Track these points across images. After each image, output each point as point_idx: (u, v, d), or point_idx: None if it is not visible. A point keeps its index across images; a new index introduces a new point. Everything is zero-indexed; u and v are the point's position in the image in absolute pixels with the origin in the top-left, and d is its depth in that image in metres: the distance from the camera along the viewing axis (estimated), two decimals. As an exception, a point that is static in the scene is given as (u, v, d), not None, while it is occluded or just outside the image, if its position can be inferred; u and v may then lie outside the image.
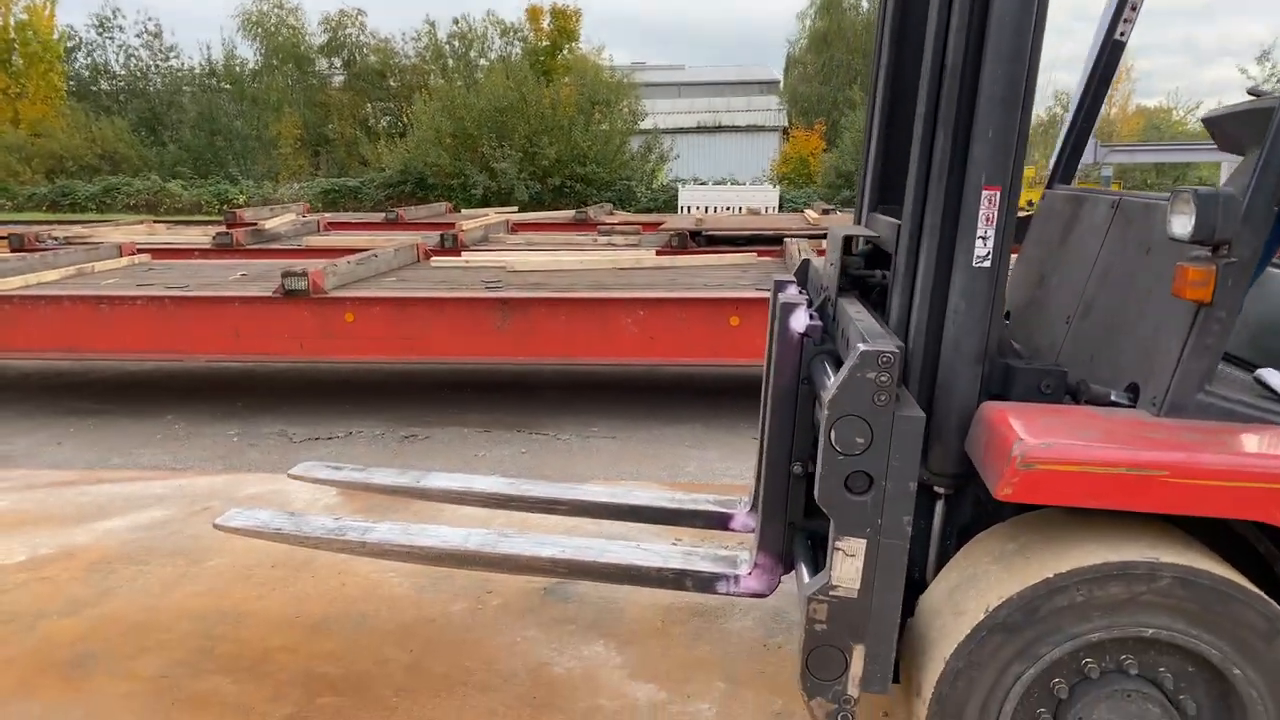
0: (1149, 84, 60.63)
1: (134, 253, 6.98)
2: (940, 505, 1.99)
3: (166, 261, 7.08)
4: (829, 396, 1.67)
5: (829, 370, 2.05)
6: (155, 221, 11.19)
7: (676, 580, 2.40)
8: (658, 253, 6.69)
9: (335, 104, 30.44)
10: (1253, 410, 1.75)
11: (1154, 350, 1.86)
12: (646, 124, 25.33)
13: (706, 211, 17.66)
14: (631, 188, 22.53)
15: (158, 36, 29.95)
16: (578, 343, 4.98)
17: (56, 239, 8.21)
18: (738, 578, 2.38)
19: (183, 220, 14.65)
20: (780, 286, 2.48)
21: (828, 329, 2.27)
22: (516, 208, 15.25)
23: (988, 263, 1.85)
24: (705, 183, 23.14)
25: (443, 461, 4.65)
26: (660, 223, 9.13)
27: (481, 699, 2.45)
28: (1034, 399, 1.89)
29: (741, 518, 2.77)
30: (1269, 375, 2.00)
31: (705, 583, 2.39)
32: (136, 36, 30.07)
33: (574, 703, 2.44)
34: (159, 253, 7.38)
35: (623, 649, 2.71)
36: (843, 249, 2.30)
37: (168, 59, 30.13)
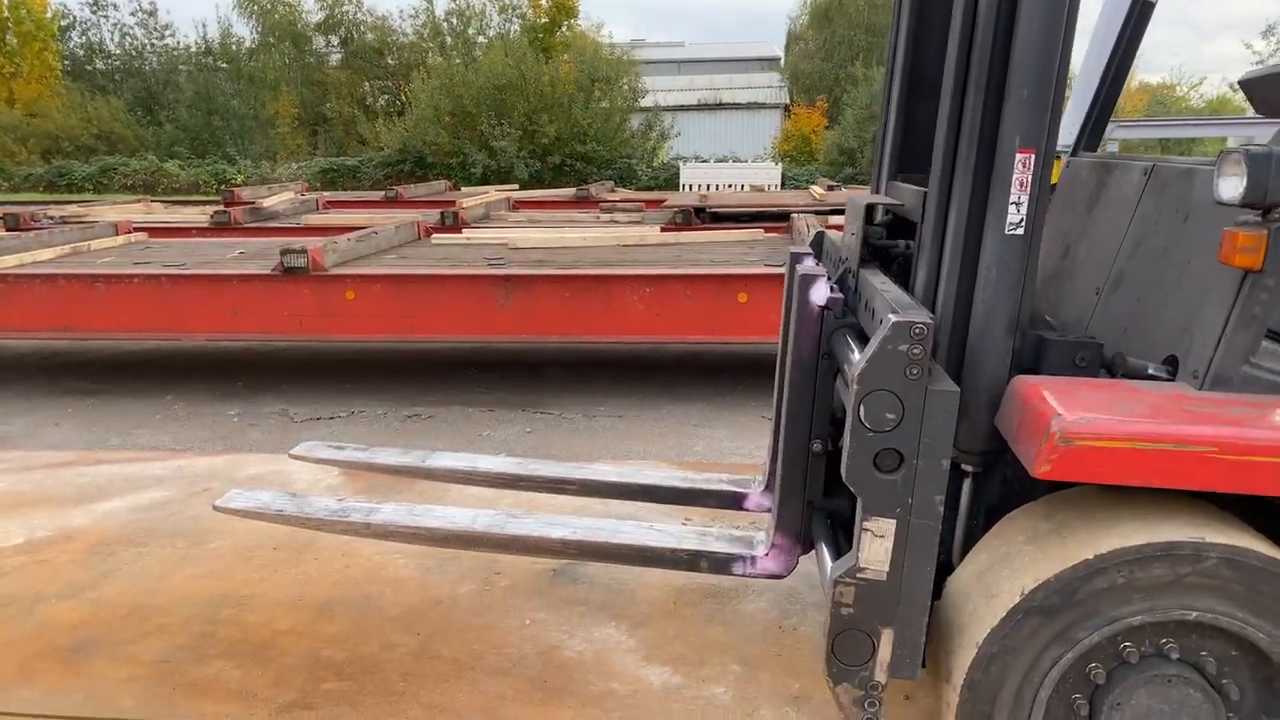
0: (1151, 60, 60.15)
1: (130, 231, 6.88)
2: (967, 484, 1.92)
3: (163, 240, 6.98)
4: (858, 370, 1.59)
5: (852, 344, 1.97)
6: (152, 200, 11.06)
7: (691, 561, 2.34)
8: (662, 229, 6.59)
9: (333, 83, 30.14)
10: (1300, 383, 1.68)
11: (1194, 321, 1.77)
12: (646, 102, 25.08)
13: (709, 189, 17.50)
14: (632, 166, 22.34)
15: (153, 15, 29.60)
16: (582, 321, 4.89)
17: (52, 218, 8.10)
18: (754, 559, 2.31)
19: (180, 200, 14.51)
20: (797, 259, 2.40)
21: (848, 302, 2.19)
22: (517, 186, 15.10)
23: (1021, 230, 1.76)
24: (707, 160, 22.95)
25: (447, 441, 4.58)
26: (663, 200, 9.02)
27: (491, 683, 2.39)
28: (1068, 373, 1.81)
29: (755, 497, 2.70)
30: None
31: (721, 564, 2.32)
32: (131, 15, 29.80)
33: (586, 686, 2.38)
34: (155, 231, 7.28)
35: (635, 631, 2.65)
36: (864, 218, 2.21)
37: (163, 37, 29.79)
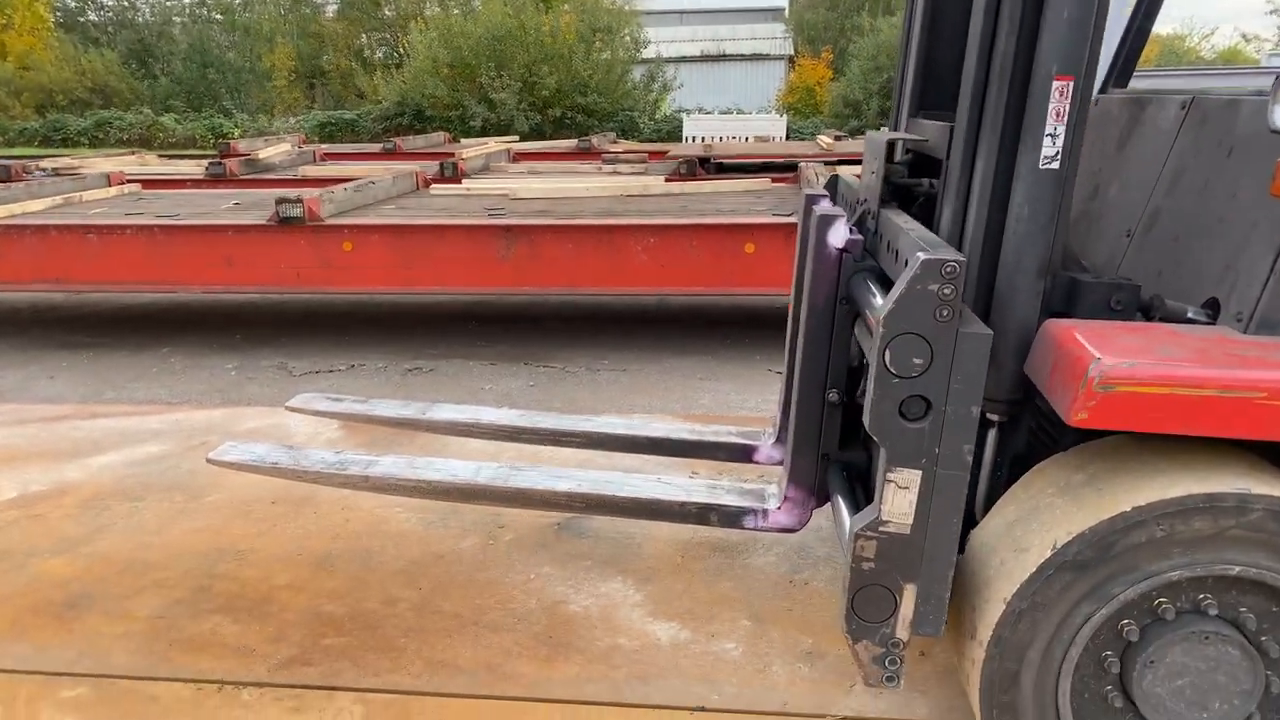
0: (1163, 10, 58.82)
1: (123, 182, 6.74)
2: (992, 434, 1.83)
3: (157, 191, 6.84)
4: (884, 313, 1.49)
5: (873, 288, 1.87)
6: (147, 153, 10.87)
7: (701, 515, 2.26)
8: (666, 180, 6.44)
9: (329, 35, 29.57)
10: (1352, 326, 1.58)
11: (1239, 261, 1.67)
12: (648, 52, 24.61)
13: (713, 141, 17.20)
14: (634, 118, 21.99)
15: (144, -36, 28.99)
16: (585, 272, 4.78)
17: (44, 170, 7.95)
18: (766, 512, 2.23)
19: (176, 155, 14.29)
20: (812, 200, 2.29)
21: (867, 245, 2.09)
22: (517, 138, 14.84)
23: (1056, 164, 1.65)
24: (710, 113, 22.58)
25: (448, 394, 4.49)
26: (666, 151, 8.84)
27: (495, 638, 2.33)
28: (1102, 316, 1.71)
29: (766, 450, 2.62)
30: None
31: (731, 517, 2.25)
32: (122, -36, 29.10)
33: (592, 642, 2.32)
34: (149, 183, 7.13)
35: (641, 586, 2.59)
36: (885, 156, 2.10)
37: (156, -13, 29.20)
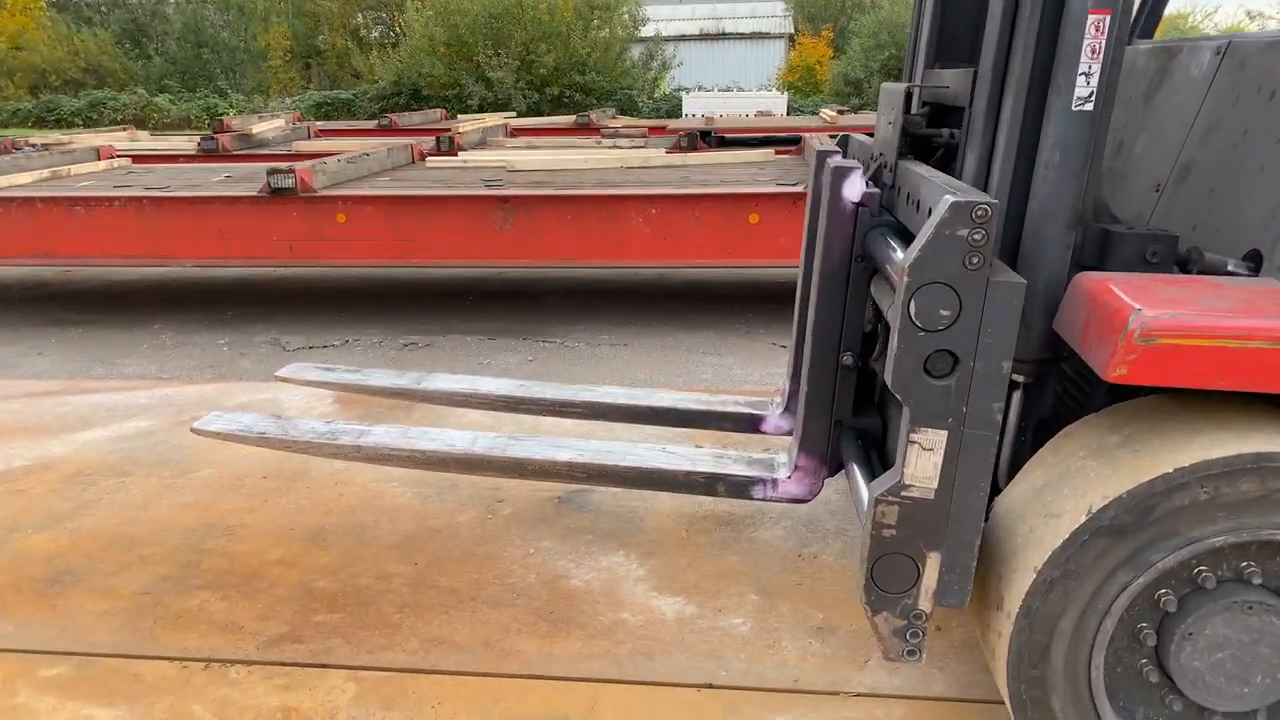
0: (1167, -11, 58.35)
1: (112, 156, 6.60)
2: (1017, 396, 1.73)
3: (147, 166, 6.70)
4: (909, 260, 1.39)
5: (892, 243, 1.77)
6: (139, 131, 10.72)
7: (707, 485, 2.17)
8: (667, 152, 6.31)
9: (325, 13, 29.20)
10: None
11: (1284, 210, 1.57)
12: (647, 31, 24.33)
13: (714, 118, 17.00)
14: (633, 97, 21.76)
15: (136, -59, 28.61)
16: (585, 244, 4.67)
17: (34, 146, 7.82)
18: (776, 481, 2.14)
19: (169, 134, 14.12)
20: (825, 155, 2.18)
21: (883, 201, 1.98)
22: (514, 114, 14.66)
23: (1090, 105, 1.54)
24: (710, 90, 22.35)
25: (445, 369, 4.39)
26: (666, 126, 8.69)
27: (494, 614, 2.24)
28: (1137, 269, 1.60)
29: (774, 420, 2.52)
30: None
31: (739, 487, 2.15)
32: (114, -58, 28.73)
33: (595, 617, 2.23)
34: (140, 158, 7.01)
35: (645, 560, 2.50)
36: (903, 106, 1.99)
37: (148, -35, 28.83)
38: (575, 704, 1.92)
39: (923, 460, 1.45)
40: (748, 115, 15.92)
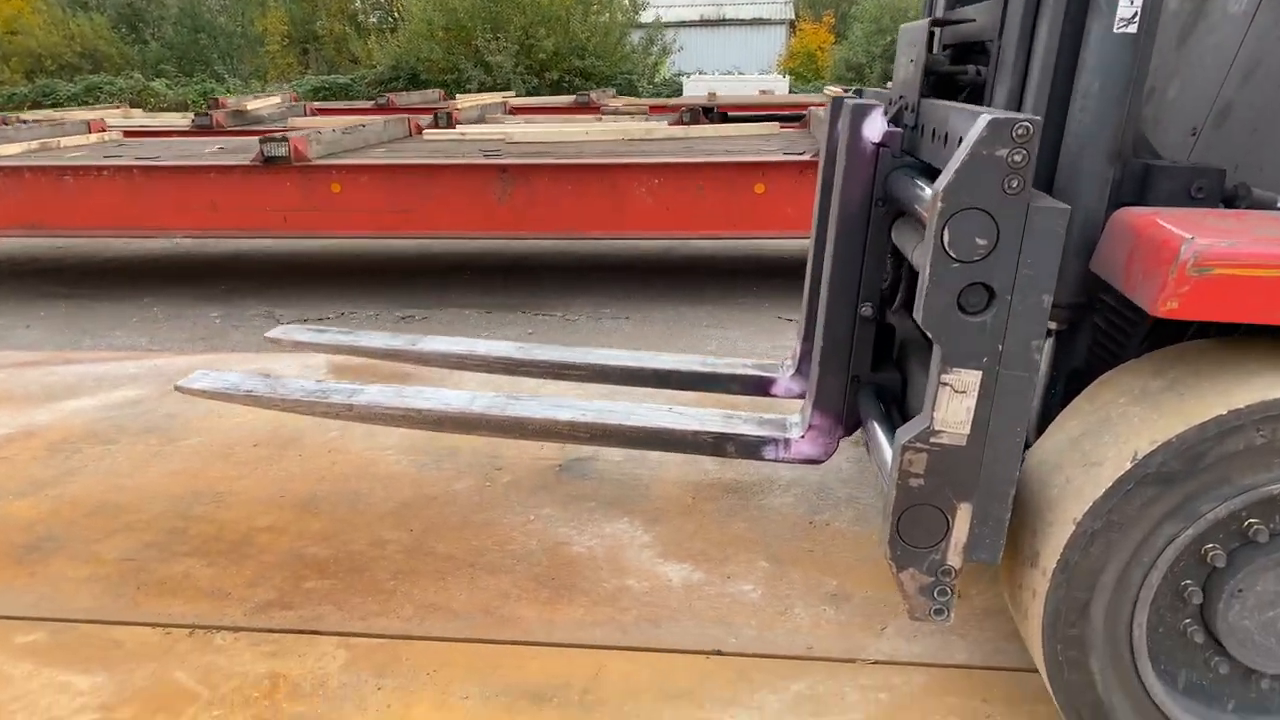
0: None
1: (103, 129, 6.48)
2: (1049, 344, 1.63)
3: (139, 140, 6.57)
4: (943, 185, 1.28)
5: (918, 181, 1.66)
6: (132, 107, 10.57)
7: (716, 445, 2.07)
8: (670, 125, 6.19)
9: (322, -2, 28.97)
10: None
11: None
12: (647, 16, 24.13)
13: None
14: (633, 82, 21.55)
15: (132, -76, 28.29)
16: (586, 215, 4.55)
17: (25, 121, 7.69)
18: (788, 441, 2.04)
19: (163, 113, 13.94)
20: (841, 100, 2.07)
21: (904, 144, 1.88)
22: (513, 93, 14.49)
23: (1133, 26, 1.44)
24: (710, 74, 22.17)
25: (442, 342, 4.29)
26: (667, 104, 8.55)
27: (493, 580, 2.15)
28: (1181, 205, 1.50)
29: (785, 382, 2.42)
30: None
31: (750, 447, 2.05)
32: (109, -76, 28.40)
33: (598, 584, 2.13)
34: (132, 133, 6.87)
35: (650, 527, 2.40)
36: (925, 45, 1.88)
37: (143, -52, 28.51)
38: (578, 671, 1.82)
39: (954, 404, 1.35)
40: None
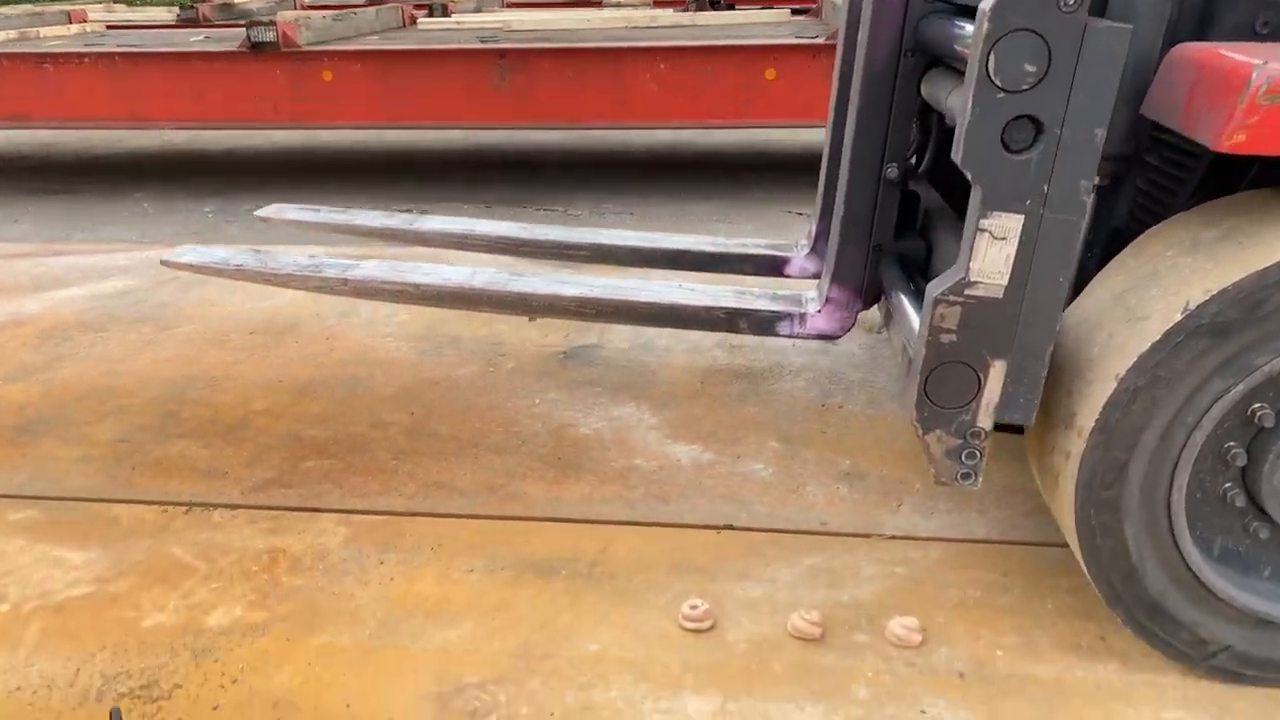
0: None
1: (84, 20, 6.21)
2: (1089, 201, 1.52)
3: (122, 31, 6.31)
4: (991, 3, 1.15)
5: (955, 21, 1.52)
6: (116, 3, 10.16)
7: (729, 321, 1.98)
8: (675, 14, 5.92)
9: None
10: None
11: None
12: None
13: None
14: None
15: None
16: (588, 105, 4.37)
17: (6, 16, 7.38)
18: (804, 316, 1.95)
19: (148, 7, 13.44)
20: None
21: None
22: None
23: None
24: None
25: (442, 236, 4.16)
26: (672, -3, 8.19)
27: (497, 459, 2.09)
28: (1245, 40, 1.37)
29: (799, 261, 2.31)
30: None
31: (764, 323, 1.96)
32: None
33: (605, 463, 2.08)
34: (115, 26, 6.59)
35: (658, 410, 2.33)
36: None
37: None
38: (586, 545, 1.77)
39: (993, 252, 1.25)
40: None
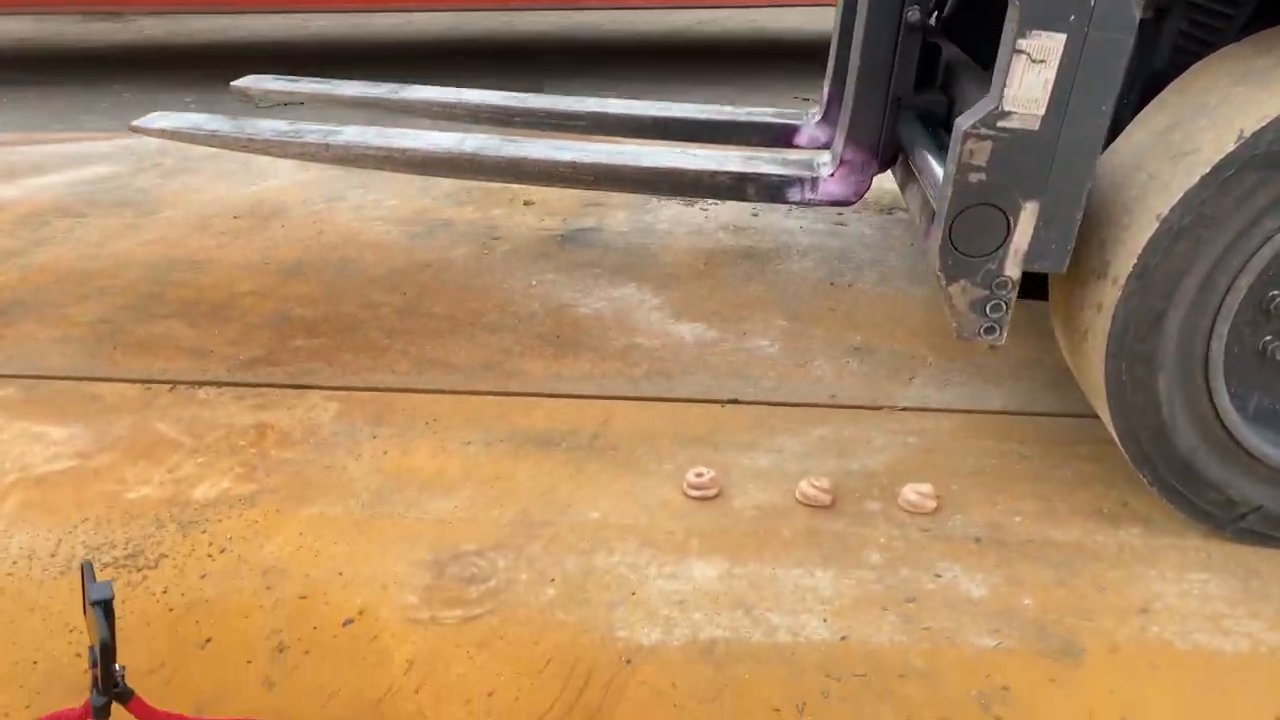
0: None
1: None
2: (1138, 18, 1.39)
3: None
4: None
5: None
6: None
7: (735, 187, 1.87)
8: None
9: None
10: None
11: None
12: None
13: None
14: None
15: None
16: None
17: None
18: (816, 181, 1.84)
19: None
20: None
21: None
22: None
23: None
24: None
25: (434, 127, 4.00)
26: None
27: (493, 338, 2.01)
28: None
29: (810, 130, 2.19)
30: None
31: (773, 188, 1.85)
32: None
33: (605, 342, 2.00)
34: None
35: (660, 291, 2.24)
36: None
37: None
38: (587, 419, 1.71)
39: (1030, 77, 1.13)
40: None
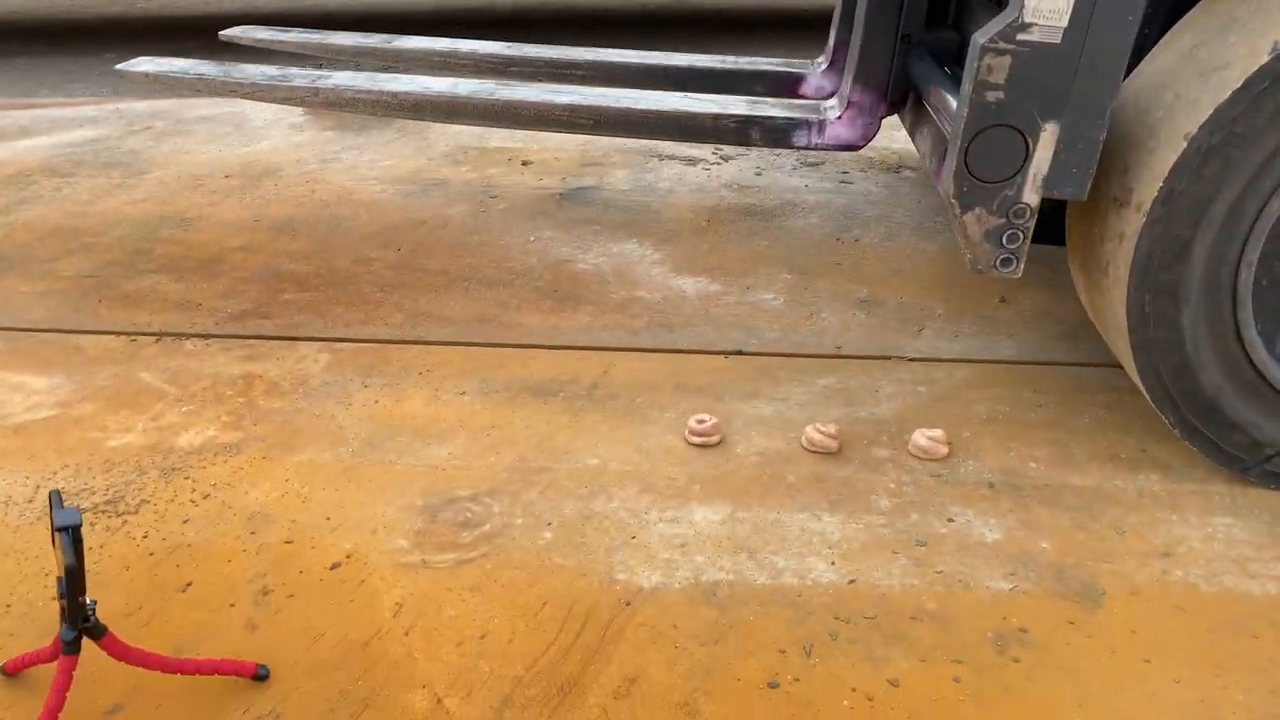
0: None
1: None
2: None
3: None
4: None
5: None
6: None
7: (739, 130, 1.80)
8: None
9: None
10: None
11: None
12: None
13: None
14: None
15: None
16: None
17: None
18: (823, 124, 1.77)
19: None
20: None
21: None
22: None
23: None
24: None
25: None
26: None
27: (489, 292, 1.95)
28: None
29: (816, 79, 2.12)
30: None
31: (778, 132, 1.79)
32: None
33: (605, 295, 1.94)
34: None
35: (661, 247, 2.18)
36: None
37: None
38: (585, 369, 1.65)
39: (1051, -13, 1.07)
40: None
